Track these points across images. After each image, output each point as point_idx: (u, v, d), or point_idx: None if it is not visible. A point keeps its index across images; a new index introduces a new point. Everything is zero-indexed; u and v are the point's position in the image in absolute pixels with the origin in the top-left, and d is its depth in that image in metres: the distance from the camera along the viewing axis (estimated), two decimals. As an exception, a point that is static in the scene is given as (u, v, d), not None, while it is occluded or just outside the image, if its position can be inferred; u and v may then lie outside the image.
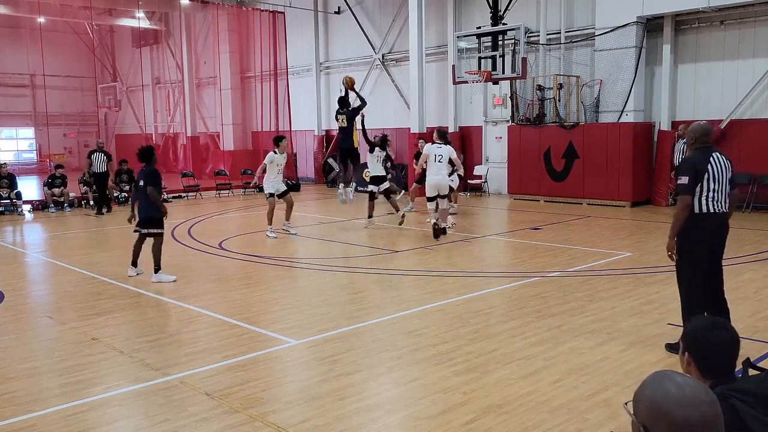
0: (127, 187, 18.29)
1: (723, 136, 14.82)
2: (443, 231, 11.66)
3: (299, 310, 7.18)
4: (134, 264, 8.96)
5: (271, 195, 12.07)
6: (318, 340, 6.11)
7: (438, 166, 11.41)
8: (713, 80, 15.10)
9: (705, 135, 5.37)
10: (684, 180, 5.19)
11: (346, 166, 13.24)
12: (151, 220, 8.69)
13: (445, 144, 11.72)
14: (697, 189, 5.24)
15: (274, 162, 11.97)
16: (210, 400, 4.72)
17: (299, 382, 5.12)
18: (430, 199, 11.58)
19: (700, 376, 2.24)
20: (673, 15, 15.18)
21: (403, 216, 12.80)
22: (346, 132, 12.82)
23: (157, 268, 8.66)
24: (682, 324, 5.49)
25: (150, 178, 8.64)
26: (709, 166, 5.23)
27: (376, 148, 13.24)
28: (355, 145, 12.85)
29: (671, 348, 5.48)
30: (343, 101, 13.08)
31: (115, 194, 17.36)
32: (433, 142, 11.66)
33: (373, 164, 13.28)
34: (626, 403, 1.82)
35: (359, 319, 6.75)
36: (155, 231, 8.72)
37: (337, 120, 12.96)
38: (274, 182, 12.08)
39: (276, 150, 12.02)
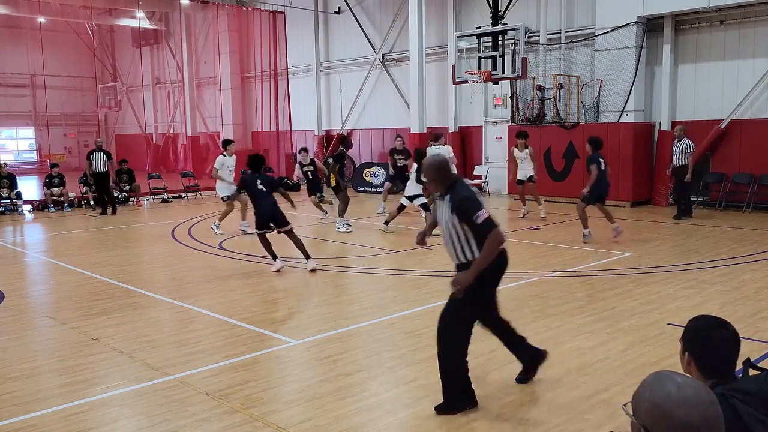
0: (128, 187, 18.33)
1: (723, 136, 14.84)
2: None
3: (299, 310, 7.18)
4: (274, 257, 9.19)
5: (229, 198, 11.95)
6: (318, 340, 6.11)
7: None
8: (713, 80, 15.09)
9: (444, 170, 4.61)
10: (486, 215, 4.46)
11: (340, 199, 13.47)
12: (280, 220, 9.13)
13: (440, 145, 13.44)
14: None
15: (225, 165, 12.72)
16: (210, 400, 4.72)
17: (299, 382, 5.12)
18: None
19: (700, 376, 2.24)
20: (673, 15, 15.18)
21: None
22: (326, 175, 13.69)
23: (308, 256, 9.17)
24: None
25: (270, 184, 9.29)
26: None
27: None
28: (332, 184, 13.28)
29: None
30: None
31: (116, 194, 17.35)
32: (431, 145, 13.51)
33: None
34: (625, 405, 1.82)
35: (359, 319, 6.76)
36: (284, 229, 9.17)
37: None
38: (229, 185, 12.45)
39: (224, 153, 12.84)
